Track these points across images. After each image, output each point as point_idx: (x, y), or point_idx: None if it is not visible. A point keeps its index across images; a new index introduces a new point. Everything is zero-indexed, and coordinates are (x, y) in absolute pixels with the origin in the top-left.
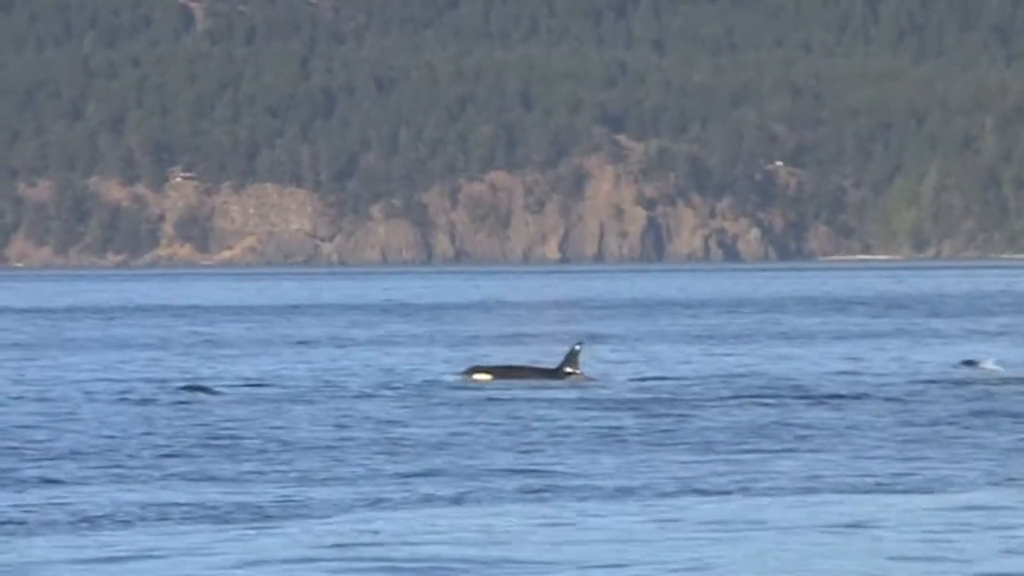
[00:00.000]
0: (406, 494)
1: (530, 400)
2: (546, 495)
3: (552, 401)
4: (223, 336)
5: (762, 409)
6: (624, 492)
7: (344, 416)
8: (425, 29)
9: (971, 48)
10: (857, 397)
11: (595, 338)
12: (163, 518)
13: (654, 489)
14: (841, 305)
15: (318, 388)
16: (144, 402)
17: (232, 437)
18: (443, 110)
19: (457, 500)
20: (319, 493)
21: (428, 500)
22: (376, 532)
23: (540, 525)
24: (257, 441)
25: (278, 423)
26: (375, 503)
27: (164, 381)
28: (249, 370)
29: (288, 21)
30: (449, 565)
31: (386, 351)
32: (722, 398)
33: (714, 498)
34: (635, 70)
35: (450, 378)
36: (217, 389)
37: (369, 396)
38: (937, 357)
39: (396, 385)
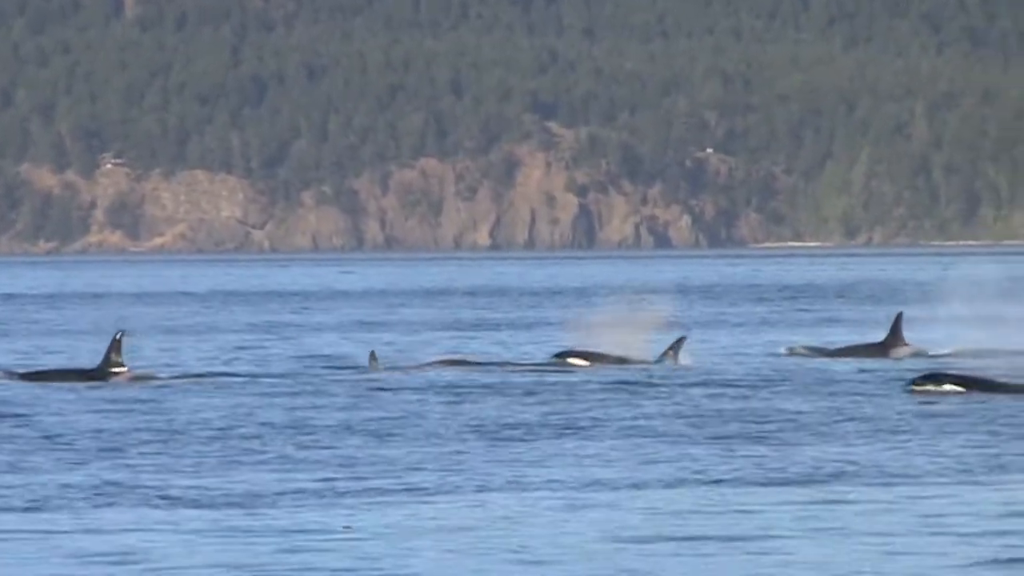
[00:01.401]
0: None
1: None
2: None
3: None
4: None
5: None
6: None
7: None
8: (355, 17)
9: (901, 35)
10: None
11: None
12: None
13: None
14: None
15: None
16: None
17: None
18: (373, 97)
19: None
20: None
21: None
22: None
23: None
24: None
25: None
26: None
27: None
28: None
29: (218, 9)
30: None
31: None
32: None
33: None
34: (566, 57)
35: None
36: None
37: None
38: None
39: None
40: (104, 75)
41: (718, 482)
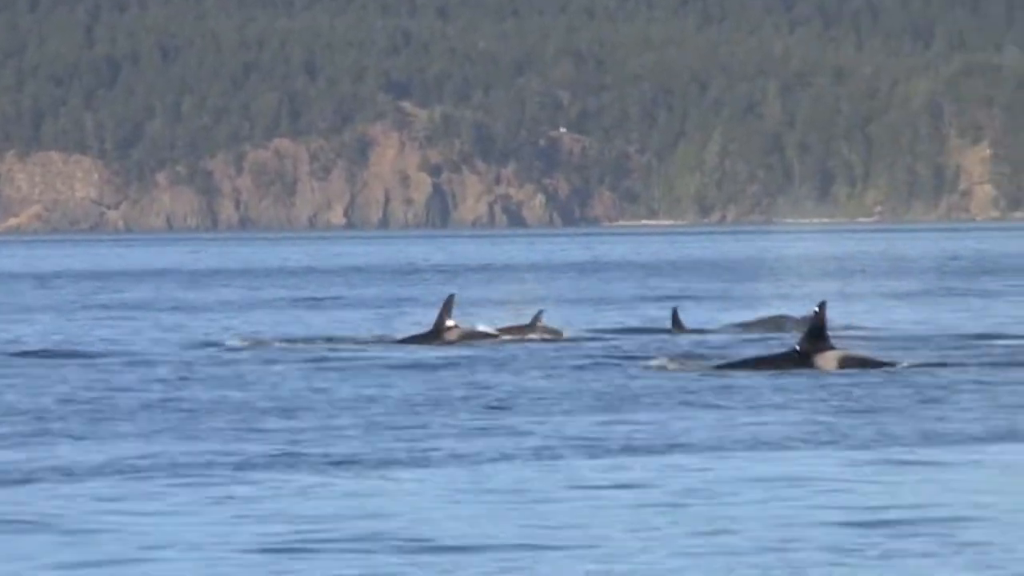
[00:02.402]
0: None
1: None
2: None
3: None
4: None
5: None
6: None
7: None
8: None
9: (754, 14)
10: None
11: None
12: None
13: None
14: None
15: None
16: None
17: None
18: (227, 78)
19: None
20: None
21: None
22: None
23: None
24: None
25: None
26: None
27: None
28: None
29: None
30: None
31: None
32: None
33: None
34: (419, 37)
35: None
36: None
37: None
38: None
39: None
40: None
41: None
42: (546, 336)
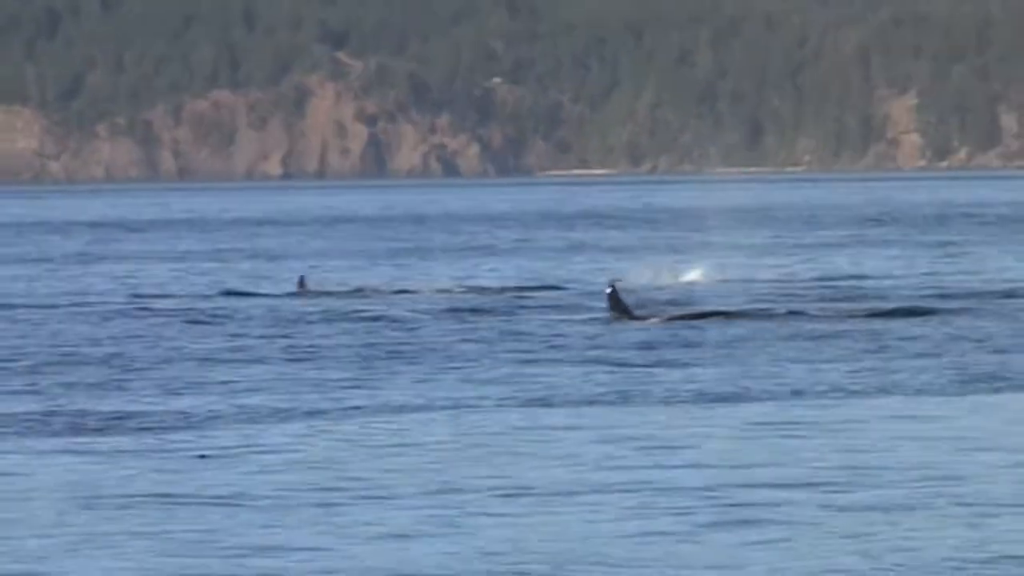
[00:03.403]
0: None
1: None
2: None
3: None
4: None
5: None
6: None
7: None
8: None
9: None
10: None
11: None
12: None
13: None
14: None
15: None
16: None
17: None
18: (167, 29)
19: None
20: None
21: None
22: None
23: None
24: None
25: None
26: None
27: None
28: None
29: None
30: None
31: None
32: None
33: None
34: None
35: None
36: None
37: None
38: None
39: None
40: None
41: None
42: None
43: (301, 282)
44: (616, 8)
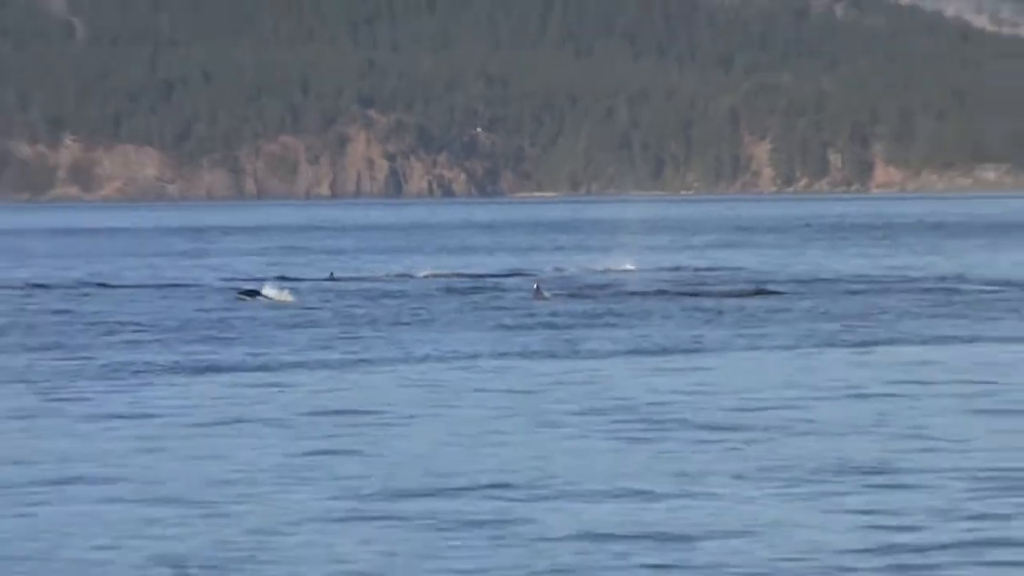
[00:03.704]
0: None
1: None
2: None
3: None
4: None
5: None
6: None
7: None
8: (239, 34)
9: (610, 49)
10: None
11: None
12: None
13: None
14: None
15: None
16: None
17: None
18: (249, 93)
19: None
20: None
21: None
22: None
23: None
24: None
25: None
26: None
27: None
28: None
29: None
30: None
31: None
32: None
33: None
34: (380, 65)
35: None
36: None
37: None
38: None
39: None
40: None
41: None
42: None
43: (331, 275)
44: (562, 82)
